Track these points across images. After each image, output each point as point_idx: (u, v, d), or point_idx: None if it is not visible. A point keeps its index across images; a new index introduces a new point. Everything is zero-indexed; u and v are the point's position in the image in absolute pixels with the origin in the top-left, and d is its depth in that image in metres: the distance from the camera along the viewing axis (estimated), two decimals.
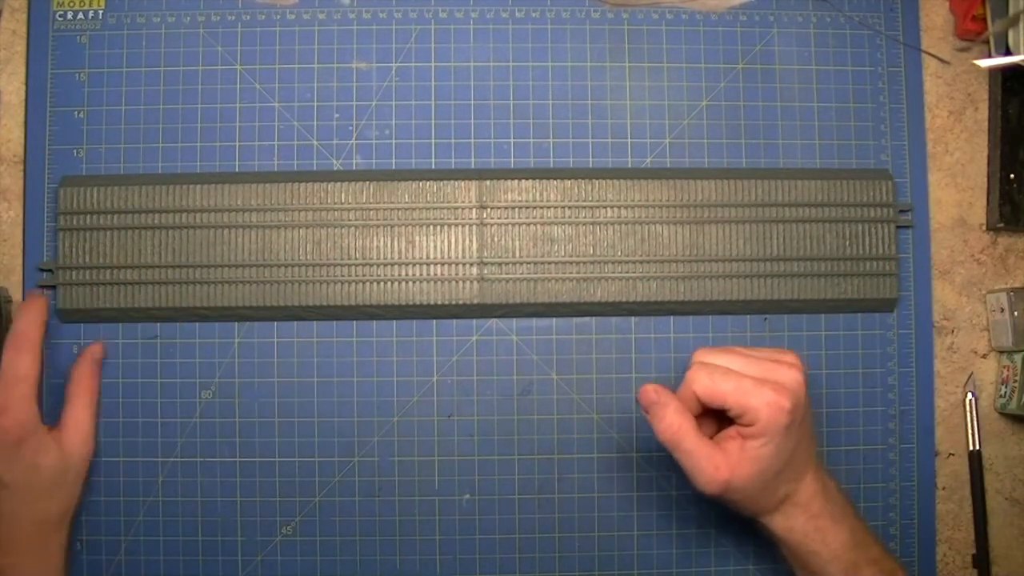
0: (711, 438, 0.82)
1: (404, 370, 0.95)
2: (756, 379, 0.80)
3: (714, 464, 0.79)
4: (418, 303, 0.93)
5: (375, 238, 0.93)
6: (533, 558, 0.94)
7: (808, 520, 0.83)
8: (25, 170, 0.95)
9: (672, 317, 0.95)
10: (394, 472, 0.94)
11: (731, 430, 0.81)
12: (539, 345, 0.95)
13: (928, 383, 0.97)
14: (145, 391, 0.94)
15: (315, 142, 0.96)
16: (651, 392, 0.81)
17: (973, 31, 0.97)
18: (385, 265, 0.93)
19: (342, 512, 0.94)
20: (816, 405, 0.94)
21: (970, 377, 0.97)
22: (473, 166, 0.96)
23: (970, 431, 0.97)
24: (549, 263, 0.93)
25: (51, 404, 0.93)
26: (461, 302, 0.93)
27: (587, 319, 0.95)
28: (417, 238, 0.93)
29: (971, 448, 0.97)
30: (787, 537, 0.83)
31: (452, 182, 0.94)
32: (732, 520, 0.93)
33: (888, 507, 0.95)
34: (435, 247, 0.93)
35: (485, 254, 0.93)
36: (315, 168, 0.95)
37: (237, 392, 0.94)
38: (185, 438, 0.93)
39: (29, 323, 0.88)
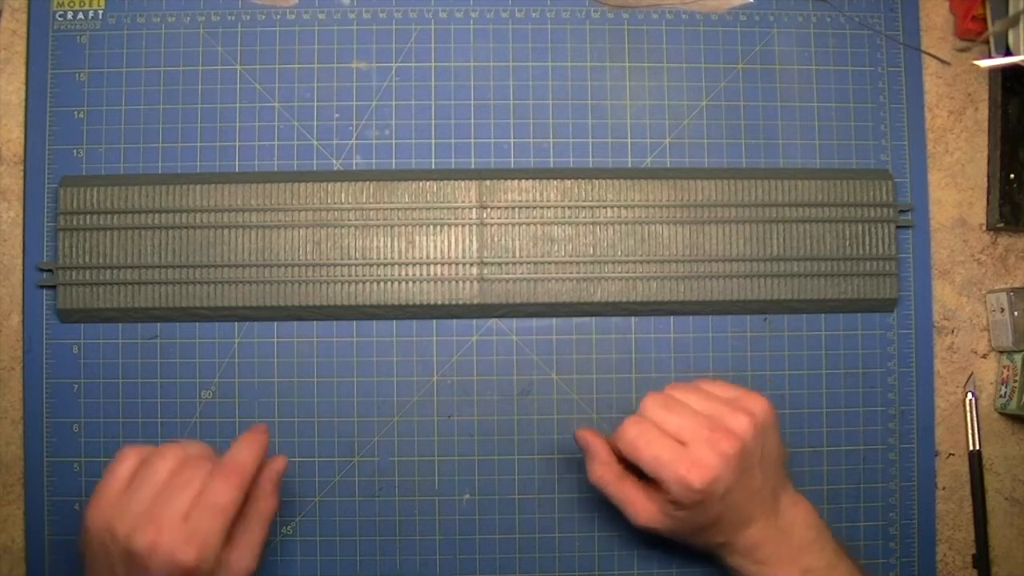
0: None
1: (404, 370, 0.95)
2: (677, 450, 0.80)
3: (635, 511, 0.84)
4: (418, 303, 0.93)
5: (375, 238, 0.93)
6: (533, 558, 0.94)
7: (752, 564, 0.84)
8: (25, 170, 0.95)
9: (672, 317, 0.95)
10: (394, 472, 0.94)
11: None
12: (539, 345, 0.95)
13: (928, 383, 0.97)
14: (145, 391, 0.94)
15: (315, 142, 0.96)
16: (581, 440, 0.87)
17: (973, 31, 0.97)
18: (385, 265, 0.93)
19: (342, 512, 0.94)
20: (816, 405, 0.95)
21: (970, 377, 0.97)
22: (473, 166, 0.96)
23: (970, 431, 0.97)
24: (549, 263, 0.93)
25: (52, 404, 0.94)
26: (461, 302, 0.93)
27: (587, 319, 0.95)
28: (417, 238, 0.93)
29: (971, 448, 0.97)
30: (734, 572, 0.86)
31: (452, 182, 0.94)
32: None
33: (888, 507, 0.95)
34: (435, 247, 0.93)
35: (485, 254, 0.93)
36: (315, 168, 0.95)
37: (237, 392, 0.94)
38: (185, 438, 0.93)
39: (248, 455, 0.82)
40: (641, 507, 0.83)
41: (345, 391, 0.94)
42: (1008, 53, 0.94)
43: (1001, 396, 0.96)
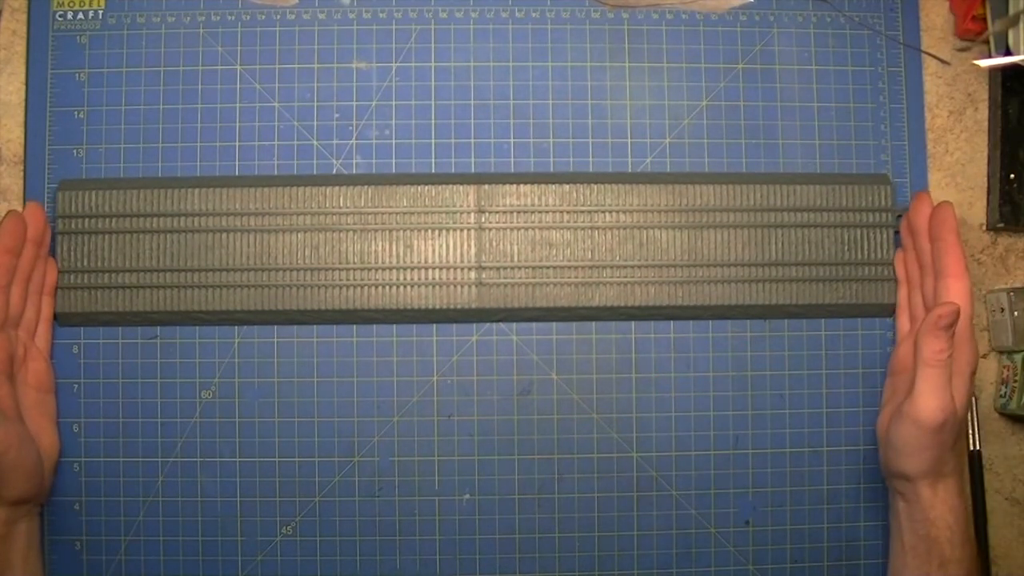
0: None
1: (404, 370, 0.95)
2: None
3: (943, 405, 0.82)
4: (416, 307, 0.93)
5: (373, 242, 0.93)
6: (533, 558, 0.94)
7: (946, 511, 0.86)
8: (25, 170, 0.95)
9: (671, 321, 0.95)
10: (394, 472, 0.94)
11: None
12: (539, 345, 0.95)
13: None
14: (145, 391, 0.94)
15: (315, 142, 0.96)
16: (953, 316, 0.82)
17: (973, 31, 0.97)
18: (383, 269, 0.93)
19: (342, 512, 0.94)
20: (816, 405, 0.95)
21: None
22: (473, 166, 0.96)
23: (970, 431, 0.96)
24: (547, 268, 0.93)
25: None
26: (459, 307, 0.93)
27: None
28: (415, 242, 0.93)
29: (971, 448, 0.96)
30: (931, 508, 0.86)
31: (450, 186, 0.94)
32: (732, 520, 0.94)
33: (888, 507, 0.95)
34: (433, 251, 0.93)
35: (483, 259, 0.93)
36: (315, 168, 0.95)
37: (237, 392, 0.94)
38: (185, 438, 0.94)
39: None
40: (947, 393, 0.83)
41: (345, 391, 0.94)
42: (1008, 53, 0.94)
43: (1001, 396, 0.96)
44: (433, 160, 0.96)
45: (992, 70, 0.97)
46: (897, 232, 0.95)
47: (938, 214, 0.88)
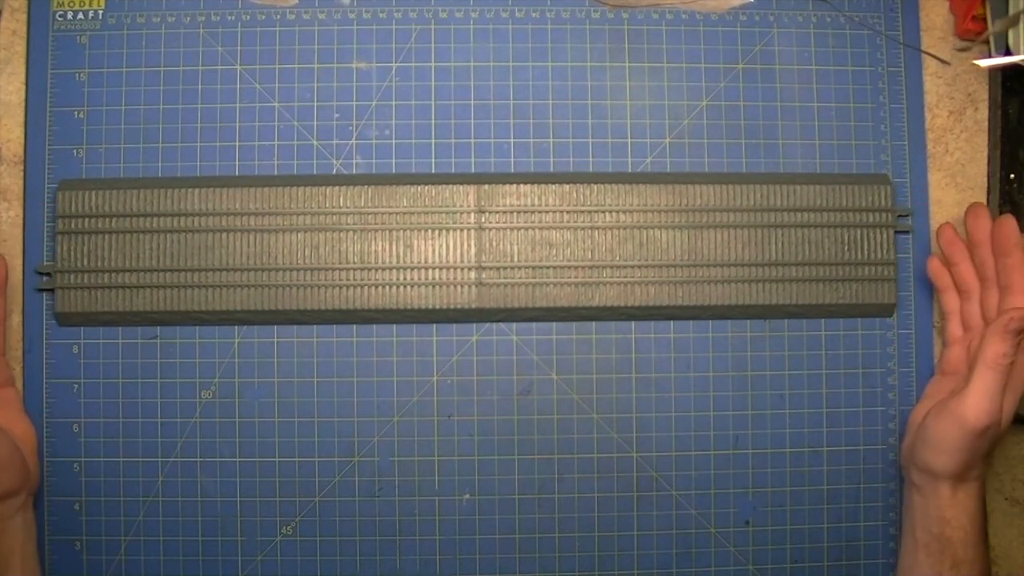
0: None
1: (404, 370, 0.95)
2: None
3: (993, 409, 0.82)
4: (416, 307, 0.93)
5: (373, 242, 0.93)
6: (533, 558, 0.94)
7: (962, 513, 0.87)
8: (25, 170, 0.95)
9: (671, 321, 0.95)
10: (394, 472, 0.94)
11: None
12: (539, 345, 0.95)
13: (928, 383, 0.96)
14: (145, 391, 0.94)
15: (315, 142, 0.95)
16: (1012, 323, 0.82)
17: (973, 31, 0.96)
18: (383, 269, 0.93)
19: (342, 512, 0.94)
20: (816, 405, 0.95)
21: None
22: (473, 166, 0.96)
23: None
24: (547, 268, 0.93)
25: (52, 404, 0.94)
26: (459, 307, 0.93)
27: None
28: (415, 242, 0.93)
29: None
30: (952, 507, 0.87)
31: (450, 186, 0.94)
32: (732, 520, 0.94)
33: (888, 507, 0.95)
34: (433, 251, 0.93)
35: (483, 259, 0.93)
36: (315, 168, 0.95)
37: (237, 392, 0.94)
38: (185, 438, 0.93)
39: None
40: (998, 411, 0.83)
41: (345, 391, 0.94)
42: (1008, 53, 0.94)
43: None
44: (433, 160, 0.96)
45: (992, 70, 0.97)
46: (900, 231, 0.95)
47: (1002, 230, 0.87)
